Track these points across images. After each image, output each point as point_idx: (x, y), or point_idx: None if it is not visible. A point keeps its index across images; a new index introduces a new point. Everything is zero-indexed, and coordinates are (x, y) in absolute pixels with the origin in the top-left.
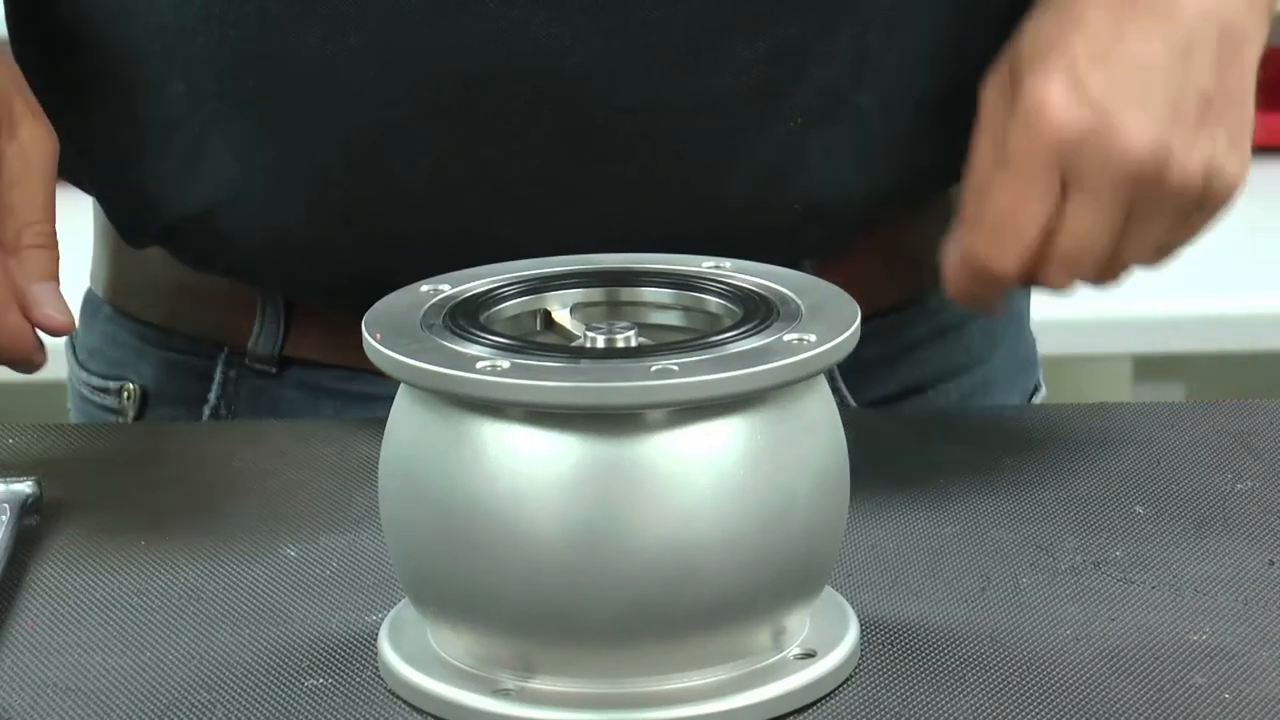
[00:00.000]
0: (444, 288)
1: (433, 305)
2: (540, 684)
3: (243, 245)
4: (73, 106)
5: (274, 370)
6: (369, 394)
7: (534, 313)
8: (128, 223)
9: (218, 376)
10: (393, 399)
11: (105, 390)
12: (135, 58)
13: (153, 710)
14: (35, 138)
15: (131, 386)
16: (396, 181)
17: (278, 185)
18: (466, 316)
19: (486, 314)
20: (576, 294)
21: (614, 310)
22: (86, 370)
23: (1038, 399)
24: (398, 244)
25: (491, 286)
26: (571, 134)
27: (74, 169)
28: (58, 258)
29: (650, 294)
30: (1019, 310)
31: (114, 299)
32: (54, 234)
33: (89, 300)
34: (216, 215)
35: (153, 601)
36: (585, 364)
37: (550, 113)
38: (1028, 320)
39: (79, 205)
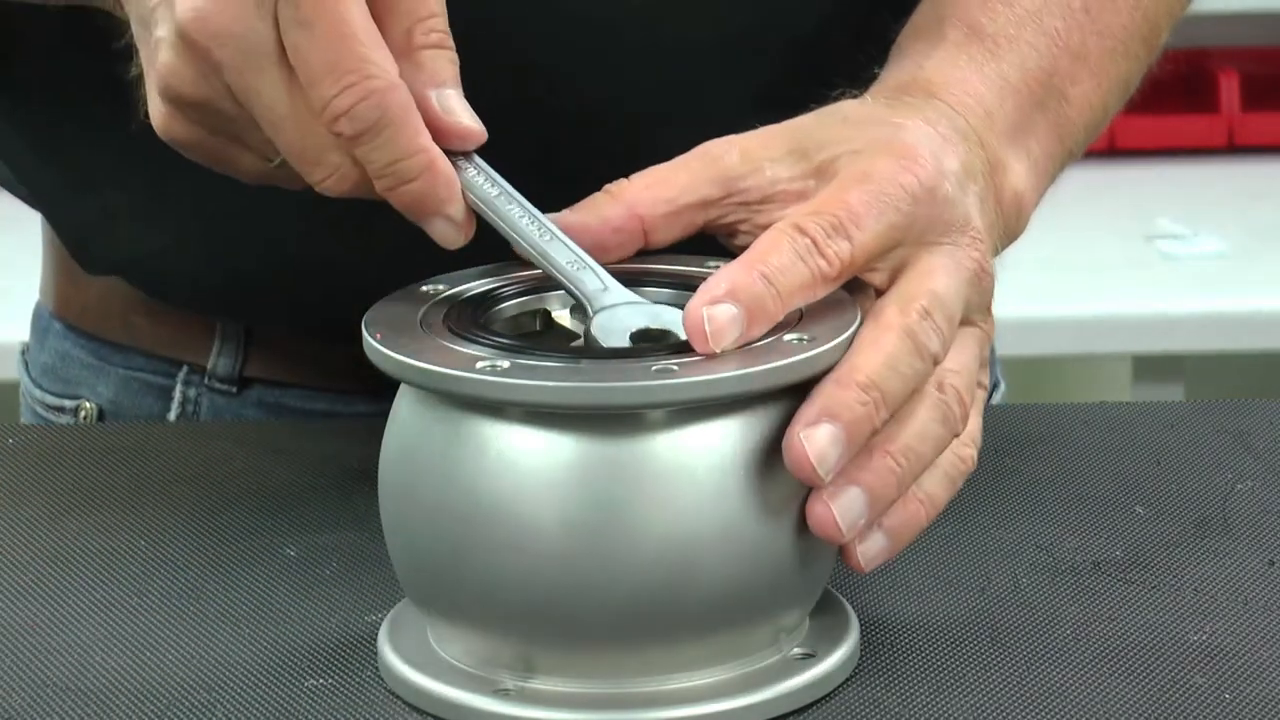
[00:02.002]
0: (443, 288)
1: (433, 305)
2: (540, 684)
3: (200, 284)
4: (23, 135)
5: (234, 390)
6: (331, 412)
7: (534, 313)
8: (81, 253)
9: (177, 395)
10: (355, 415)
11: (61, 409)
12: (92, 97)
13: (153, 710)
14: None
15: (89, 405)
16: (357, 222)
17: (236, 226)
18: (466, 316)
19: (486, 314)
20: None
21: None
22: (40, 388)
23: (997, 396)
24: (358, 284)
25: (491, 286)
26: (554, 172)
27: (22, 194)
28: (454, 58)
29: (650, 294)
30: None
31: (65, 315)
32: (446, 28)
33: (39, 316)
34: (172, 254)
35: (153, 601)
36: (585, 364)
37: (532, 147)
38: None
39: (29, 216)
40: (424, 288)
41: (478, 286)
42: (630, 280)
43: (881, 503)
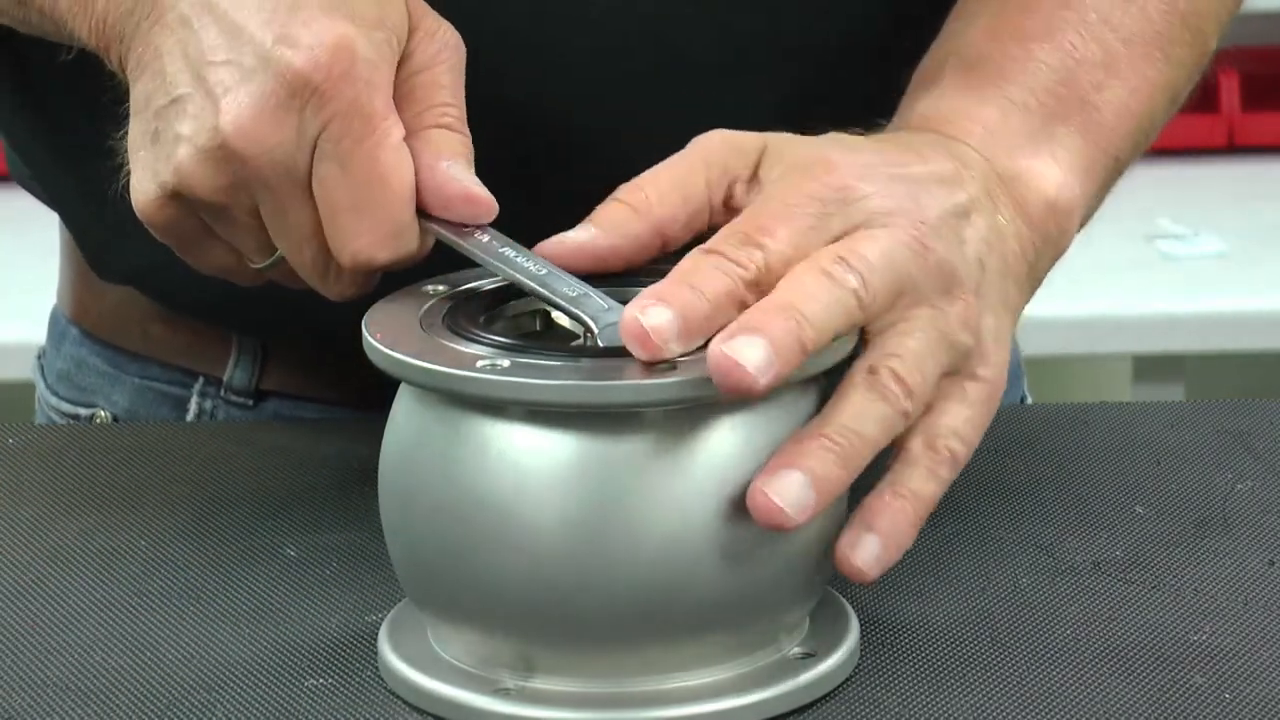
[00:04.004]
0: (444, 288)
1: (433, 305)
2: (540, 683)
3: (211, 297)
4: (39, 138)
5: (251, 403)
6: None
7: (534, 313)
8: (96, 261)
9: (193, 407)
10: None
11: (76, 417)
12: (109, 104)
13: (153, 710)
14: (441, 31)
15: (103, 414)
16: None
17: None
18: (466, 316)
19: (486, 314)
20: None
21: None
22: (56, 395)
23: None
24: (367, 296)
25: (492, 287)
26: (557, 185)
27: (40, 194)
28: (467, 143)
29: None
30: None
31: (82, 321)
32: (462, 119)
33: (55, 321)
34: (183, 266)
35: (153, 601)
36: (585, 363)
37: (535, 160)
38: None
39: (48, 219)
40: (424, 288)
41: (478, 286)
42: (629, 280)
43: (827, 483)
